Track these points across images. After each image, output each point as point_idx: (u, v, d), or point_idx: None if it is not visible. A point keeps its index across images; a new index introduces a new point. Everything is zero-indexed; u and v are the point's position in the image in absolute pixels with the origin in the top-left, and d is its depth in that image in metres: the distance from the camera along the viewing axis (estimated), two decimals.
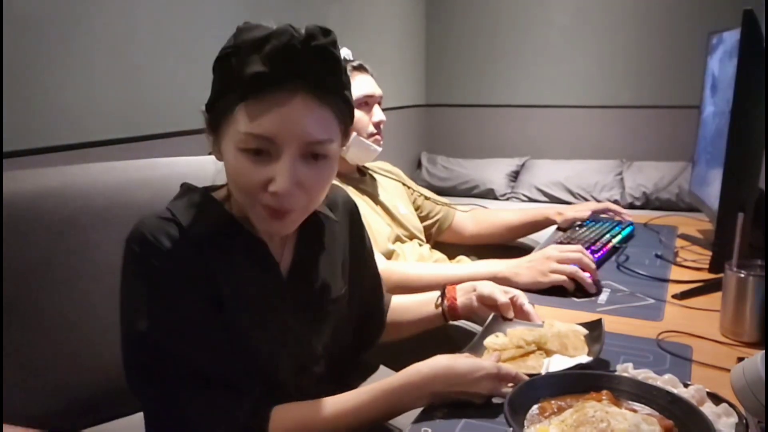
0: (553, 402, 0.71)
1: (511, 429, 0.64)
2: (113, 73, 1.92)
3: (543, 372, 0.82)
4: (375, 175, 1.61)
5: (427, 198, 1.72)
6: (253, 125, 0.73)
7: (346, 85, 0.79)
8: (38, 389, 0.89)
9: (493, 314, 1.01)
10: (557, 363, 0.85)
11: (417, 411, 0.79)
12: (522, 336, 0.92)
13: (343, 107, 0.79)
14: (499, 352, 0.89)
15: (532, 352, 0.89)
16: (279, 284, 0.86)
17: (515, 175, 4.03)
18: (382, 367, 1.16)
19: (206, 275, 0.78)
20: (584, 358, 0.86)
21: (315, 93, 0.75)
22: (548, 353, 0.89)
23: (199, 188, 0.85)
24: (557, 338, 0.91)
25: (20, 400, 0.84)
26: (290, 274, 0.88)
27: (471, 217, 1.75)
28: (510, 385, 0.79)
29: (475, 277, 1.25)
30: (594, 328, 0.95)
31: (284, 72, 0.73)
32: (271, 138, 0.74)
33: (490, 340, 0.92)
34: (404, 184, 1.70)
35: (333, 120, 0.77)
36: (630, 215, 1.76)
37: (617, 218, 1.69)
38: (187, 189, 0.85)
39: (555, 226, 1.71)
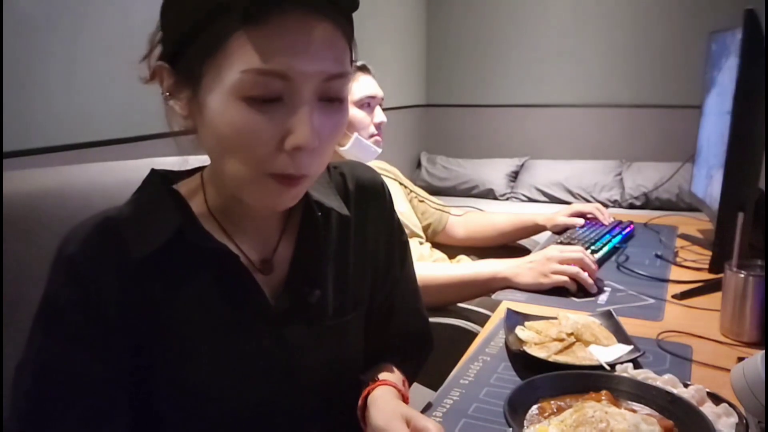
0: (552, 402, 0.70)
1: (511, 429, 0.64)
2: (113, 73, 1.92)
3: (604, 363, 0.82)
4: None
5: (421, 200, 1.72)
6: (263, 59, 0.56)
7: (357, 4, 0.62)
8: None
9: (507, 309, 1.01)
10: (603, 353, 0.86)
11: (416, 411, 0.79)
12: (560, 328, 0.93)
13: (351, 33, 0.63)
14: None
15: (573, 343, 0.90)
16: (259, 306, 0.70)
17: (515, 176, 4.04)
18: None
19: (142, 311, 0.65)
20: (625, 348, 0.88)
21: (329, 14, 0.58)
22: (585, 344, 0.90)
23: (165, 179, 0.71)
24: (587, 329, 0.92)
25: None
26: (285, 289, 0.72)
27: (463, 221, 1.75)
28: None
29: (476, 278, 1.26)
30: (604, 319, 0.97)
31: None
32: (287, 75, 0.57)
33: (525, 335, 0.93)
34: (401, 183, 1.70)
35: (347, 50, 0.62)
36: (628, 215, 1.78)
37: (598, 222, 1.67)
38: (150, 180, 0.70)
39: None
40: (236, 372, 0.69)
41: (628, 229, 1.62)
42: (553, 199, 3.80)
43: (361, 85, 1.45)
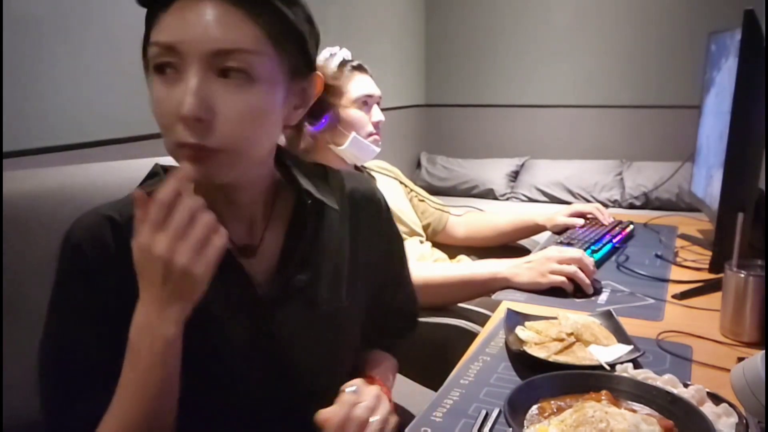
0: (552, 402, 0.70)
1: (511, 429, 0.64)
2: (113, 73, 1.92)
3: (604, 363, 0.82)
4: (373, 173, 1.62)
5: (421, 200, 1.72)
6: (158, 32, 0.65)
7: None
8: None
9: (507, 309, 1.01)
10: (603, 353, 0.86)
11: (415, 411, 0.79)
12: (560, 328, 0.93)
13: (274, 19, 0.67)
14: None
15: (573, 343, 0.90)
16: (244, 289, 0.73)
17: (515, 175, 4.04)
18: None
19: (136, 292, 0.67)
20: (624, 348, 0.88)
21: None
22: (585, 344, 0.90)
23: (166, 171, 0.77)
24: (587, 329, 0.92)
25: (20, 401, 0.84)
26: (275, 275, 0.75)
27: (463, 221, 1.75)
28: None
29: (476, 278, 1.26)
30: (604, 319, 0.97)
31: None
32: (172, 45, 0.64)
33: (525, 335, 0.93)
34: (401, 183, 1.70)
35: (253, 29, 0.66)
36: (628, 215, 1.79)
37: (598, 222, 1.67)
38: (152, 172, 0.77)
39: None
40: (225, 354, 0.72)
41: (627, 230, 1.62)
42: (553, 199, 3.80)
43: (358, 85, 1.45)
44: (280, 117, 0.72)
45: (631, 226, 1.66)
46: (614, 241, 1.51)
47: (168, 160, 0.86)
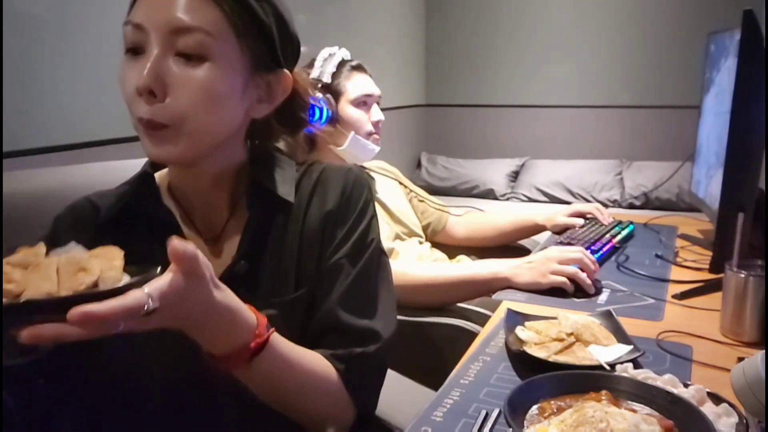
0: (552, 402, 0.70)
1: (511, 429, 0.64)
2: (113, 73, 1.92)
3: (604, 363, 0.82)
4: (372, 174, 1.62)
5: (421, 200, 1.72)
6: (132, 14, 0.68)
7: None
8: None
9: (507, 309, 1.01)
10: (603, 353, 0.86)
11: (415, 411, 0.79)
12: (560, 328, 0.93)
13: (238, 7, 0.69)
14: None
15: (573, 343, 0.90)
16: None
17: (515, 175, 4.04)
18: None
19: None
20: (624, 348, 0.88)
21: None
22: (585, 344, 0.90)
23: (154, 165, 0.82)
24: (587, 329, 0.92)
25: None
26: (233, 268, 0.75)
27: (463, 221, 1.75)
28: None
29: (476, 278, 1.26)
30: (604, 319, 0.97)
31: None
32: (140, 24, 0.67)
33: (525, 335, 0.93)
34: (401, 183, 1.70)
35: (215, 12, 0.68)
36: (628, 215, 1.79)
37: (598, 222, 1.67)
38: (143, 166, 0.82)
39: None
40: (156, 338, 0.66)
41: (627, 230, 1.62)
42: (553, 199, 3.80)
43: (357, 84, 1.45)
44: (239, 105, 0.73)
45: (631, 226, 1.66)
46: (614, 240, 1.51)
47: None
